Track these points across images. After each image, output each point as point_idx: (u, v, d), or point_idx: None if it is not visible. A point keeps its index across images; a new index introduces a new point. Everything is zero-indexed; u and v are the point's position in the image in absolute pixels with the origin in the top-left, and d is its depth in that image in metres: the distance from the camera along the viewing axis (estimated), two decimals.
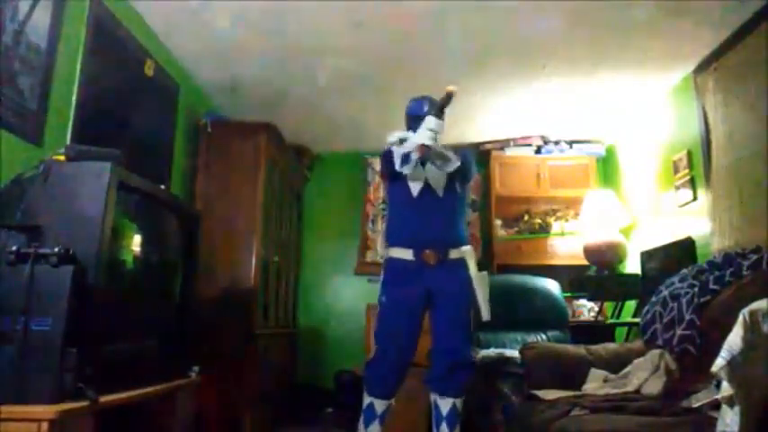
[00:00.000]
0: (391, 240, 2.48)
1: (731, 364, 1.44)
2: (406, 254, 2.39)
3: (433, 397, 2.35)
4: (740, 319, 1.49)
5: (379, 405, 2.35)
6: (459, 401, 2.32)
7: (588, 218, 4.06)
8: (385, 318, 2.41)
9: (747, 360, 1.43)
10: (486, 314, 2.40)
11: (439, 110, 2.21)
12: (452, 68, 3.39)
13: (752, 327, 1.46)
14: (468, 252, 2.43)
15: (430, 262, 2.35)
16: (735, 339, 1.47)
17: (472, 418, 2.83)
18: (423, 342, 2.42)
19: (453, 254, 2.39)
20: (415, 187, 2.42)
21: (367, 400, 2.37)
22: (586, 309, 4.32)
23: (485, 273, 2.47)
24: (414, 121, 2.41)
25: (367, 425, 2.35)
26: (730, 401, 1.43)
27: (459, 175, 2.43)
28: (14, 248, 1.50)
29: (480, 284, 2.40)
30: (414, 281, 2.37)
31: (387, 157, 2.45)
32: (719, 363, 1.45)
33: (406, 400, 2.79)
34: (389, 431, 2.44)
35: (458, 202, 2.49)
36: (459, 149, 2.47)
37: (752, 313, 1.48)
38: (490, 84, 3.59)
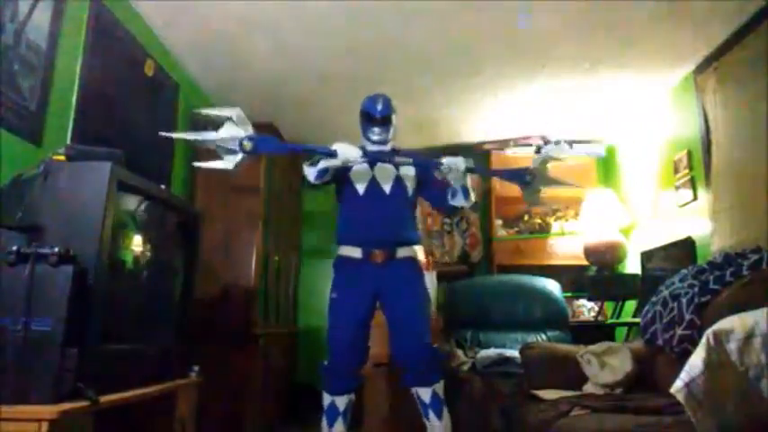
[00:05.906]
0: (340, 239, 2.48)
1: (689, 386, 1.42)
2: (354, 252, 2.41)
3: (414, 390, 2.35)
4: (704, 340, 1.48)
5: (341, 402, 2.34)
6: (438, 386, 2.32)
7: (588, 218, 4.07)
8: (335, 316, 2.43)
9: (714, 378, 1.41)
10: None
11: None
12: (452, 68, 3.40)
13: (716, 347, 1.44)
14: (416, 251, 2.48)
15: (377, 260, 2.37)
16: (695, 361, 1.45)
17: (471, 418, 2.83)
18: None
19: (401, 252, 2.41)
20: (360, 186, 2.42)
21: (327, 399, 2.35)
22: (586, 309, 4.32)
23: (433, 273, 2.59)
24: (364, 119, 2.55)
25: (331, 424, 2.32)
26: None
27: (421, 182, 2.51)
28: (14, 248, 1.50)
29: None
30: (362, 279, 2.38)
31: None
32: (678, 385, 1.44)
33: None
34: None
35: (406, 201, 2.49)
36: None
37: (716, 334, 1.47)
38: (490, 84, 3.59)
